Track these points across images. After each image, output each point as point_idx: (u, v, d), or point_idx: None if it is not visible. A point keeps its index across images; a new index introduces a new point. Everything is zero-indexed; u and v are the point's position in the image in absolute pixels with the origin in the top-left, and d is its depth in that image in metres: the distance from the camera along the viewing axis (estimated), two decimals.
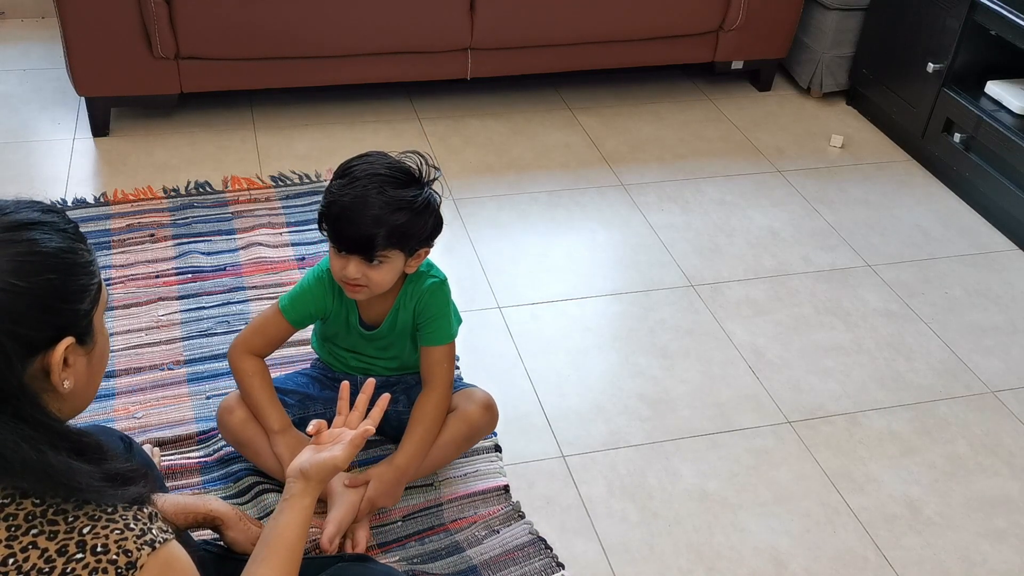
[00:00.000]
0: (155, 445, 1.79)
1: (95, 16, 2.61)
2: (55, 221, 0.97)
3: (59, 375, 0.95)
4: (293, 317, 1.69)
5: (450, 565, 1.63)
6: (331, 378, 1.81)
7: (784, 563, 1.70)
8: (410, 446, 1.67)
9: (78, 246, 0.98)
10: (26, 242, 0.93)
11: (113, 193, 2.56)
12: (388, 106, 3.07)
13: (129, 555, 0.91)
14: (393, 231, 1.50)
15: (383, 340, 1.74)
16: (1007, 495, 1.87)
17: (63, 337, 0.95)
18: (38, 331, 0.93)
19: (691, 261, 2.48)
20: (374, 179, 1.51)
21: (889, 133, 3.13)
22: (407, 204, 1.51)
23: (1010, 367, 2.20)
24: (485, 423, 1.77)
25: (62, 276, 0.95)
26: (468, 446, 1.79)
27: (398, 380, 1.81)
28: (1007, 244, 2.64)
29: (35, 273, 0.92)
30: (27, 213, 0.96)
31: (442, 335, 1.70)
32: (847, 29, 3.16)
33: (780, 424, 2.00)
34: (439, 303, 1.69)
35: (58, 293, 0.94)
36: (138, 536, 0.92)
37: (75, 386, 0.98)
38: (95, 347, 1.01)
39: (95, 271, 1.00)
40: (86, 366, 1.00)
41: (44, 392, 0.96)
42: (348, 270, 1.54)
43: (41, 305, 0.93)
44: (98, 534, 0.91)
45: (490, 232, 2.54)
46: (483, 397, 1.77)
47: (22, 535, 0.90)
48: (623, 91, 3.27)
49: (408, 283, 1.68)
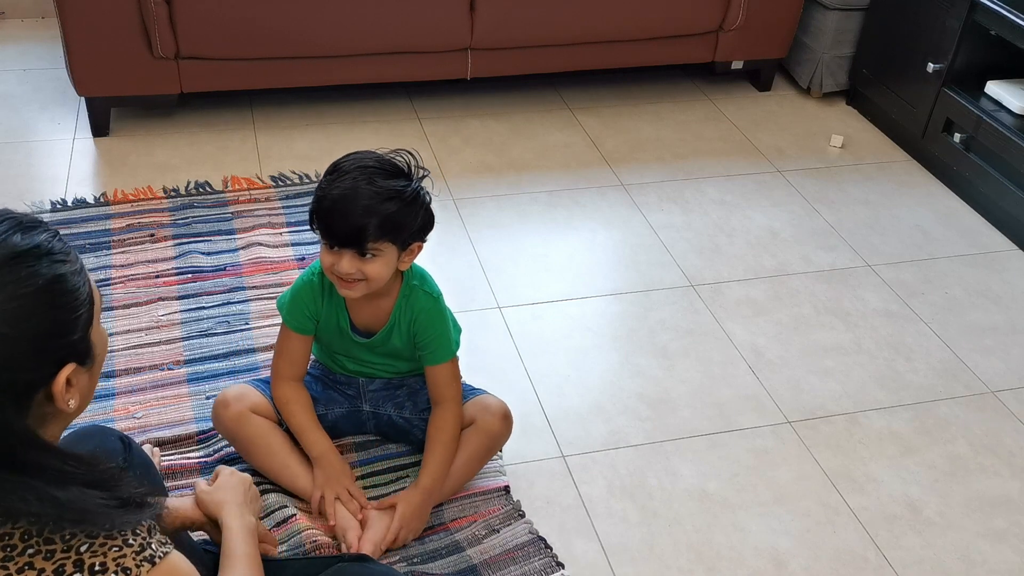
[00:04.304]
0: (155, 445, 1.79)
1: (95, 16, 2.61)
2: (37, 245, 0.90)
3: (64, 400, 0.92)
4: (295, 325, 1.69)
5: (450, 564, 1.63)
6: (333, 379, 1.80)
7: (784, 563, 1.70)
8: (433, 466, 1.66)
9: (64, 267, 0.92)
10: (10, 284, 0.87)
11: (113, 193, 2.56)
12: (388, 106, 3.07)
13: (128, 573, 0.89)
14: (384, 221, 1.49)
15: (379, 348, 1.73)
16: (1007, 495, 1.87)
17: (63, 366, 0.91)
18: (36, 373, 0.90)
19: (691, 261, 2.48)
20: (363, 171, 1.50)
21: (889, 133, 3.13)
22: (396, 194, 1.50)
23: (1010, 367, 2.20)
24: (504, 433, 1.76)
25: (53, 312, 0.90)
26: (490, 458, 1.78)
27: (400, 383, 1.80)
28: (1007, 244, 2.64)
29: (24, 318, 0.87)
30: (5, 244, 0.88)
31: (443, 353, 1.68)
32: (847, 29, 3.16)
33: (780, 424, 2.00)
34: (436, 322, 1.67)
35: (52, 331, 0.90)
36: (137, 552, 0.90)
37: (79, 400, 0.96)
38: (95, 360, 0.98)
39: (83, 286, 0.94)
40: (89, 380, 0.98)
41: (48, 416, 0.93)
42: (342, 265, 1.51)
43: (35, 349, 0.89)
44: (96, 552, 0.88)
45: (490, 232, 2.54)
46: (499, 407, 1.75)
47: (18, 556, 0.87)
48: (623, 91, 3.27)
49: (402, 296, 1.66)
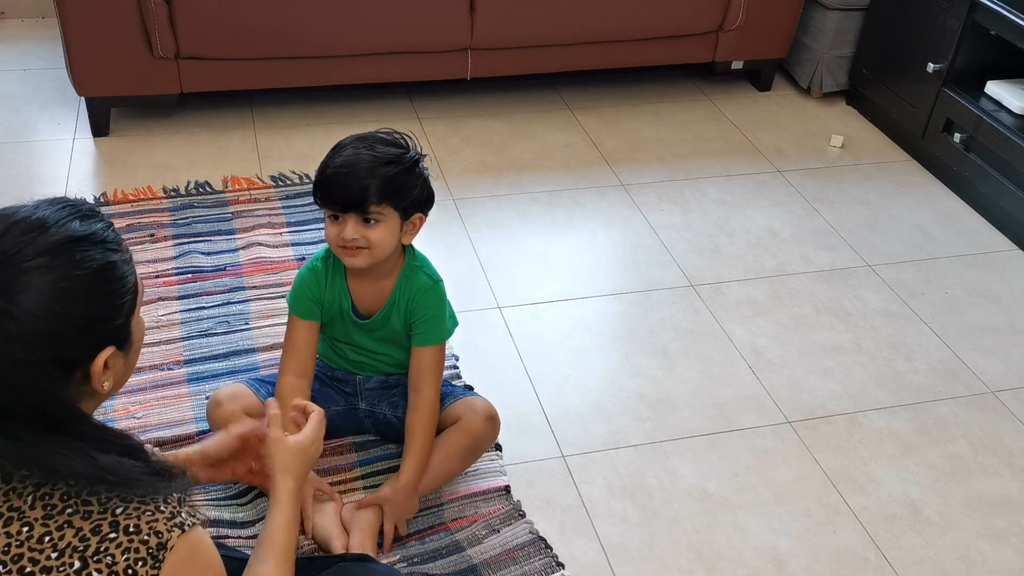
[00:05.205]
0: (155, 445, 1.79)
1: (95, 16, 2.61)
2: (93, 233, 0.97)
3: (100, 380, 0.98)
4: (300, 311, 1.70)
5: (450, 564, 1.63)
6: (331, 376, 1.81)
7: (784, 563, 1.70)
8: (411, 460, 1.67)
9: (115, 255, 0.98)
10: (64, 266, 0.93)
11: (113, 193, 2.56)
12: (388, 106, 3.07)
13: (160, 536, 0.94)
14: (385, 183, 1.55)
15: (378, 332, 1.74)
16: (1007, 495, 1.87)
17: (103, 348, 0.97)
18: (79, 351, 0.95)
19: (691, 261, 2.48)
20: (364, 141, 1.60)
21: (889, 133, 3.13)
22: (396, 158, 1.58)
23: (1010, 367, 2.20)
24: (488, 434, 1.77)
25: (102, 296, 0.96)
26: (473, 458, 1.77)
27: (397, 382, 1.80)
28: (1007, 244, 2.64)
29: (75, 298, 0.93)
30: (65, 228, 0.94)
31: (433, 335, 1.70)
32: (847, 29, 3.16)
33: (780, 424, 2.00)
34: (432, 303, 1.69)
35: (98, 314, 0.96)
36: (168, 518, 0.95)
37: (113, 383, 1.01)
38: (133, 346, 1.03)
39: (131, 275, 1.00)
40: (124, 365, 1.03)
41: (84, 394, 0.98)
42: (346, 231, 1.56)
43: (81, 327, 0.94)
44: (130, 515, 0.94)
45: (490, 232, 2.54)
46: (485, 407, 1.76)
47: (58, 515, 0.93)
48: (623, 91, 3.27)
49: (403, 276, 1.68)
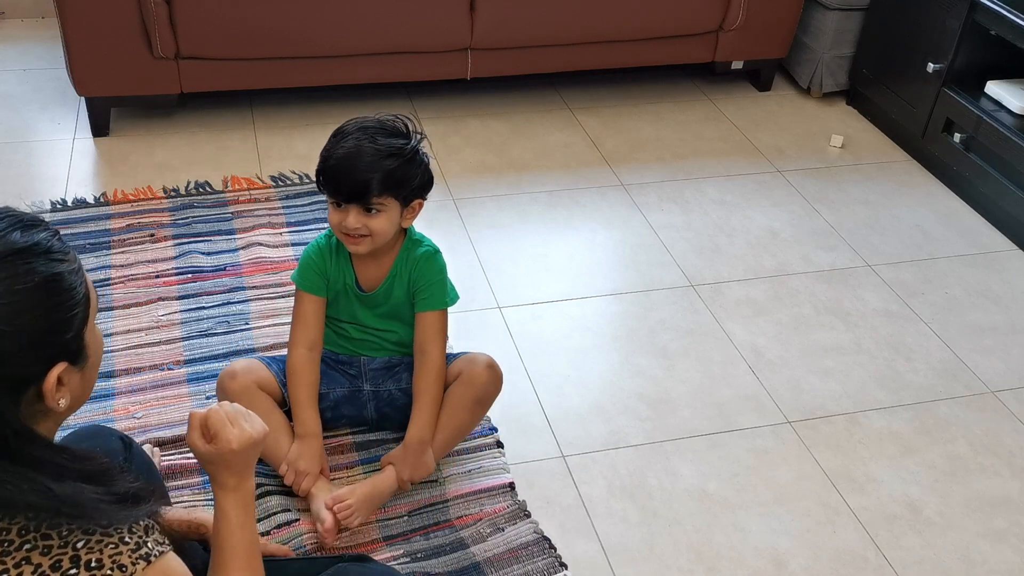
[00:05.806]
0: (155, 445, 1.79)
1: (95, 16, 2.61)
2: (36, 243, 0.91)
3: (54, 398, 0.93)
4: (307, 285, 1.75)
5: (453, 561, 1.63)
6: (336, 359, 1.84)
7: (784, 563, 1.70)
8: (419, 415, 1.72)
9: (62, 266, 0.92)
10: (6, 280, 0.87)
11: (113, 193, 2.56)
12: (388, 106, 3.07)
13: (124, 569, 0.90)
14: (386, 177, 1.59)
15: (380, 307, 1.78)
16: (1007, 495, 1.87)
17: (55, 364, 0.92)
18: (28, 369, 0.90)
19: (691, 261, 2.48)
20: (365, 131, 1.62)
21: (889, 133, 3.13)
22: (397, 151, 1.61)
23: (1010, 367, 2.20)
24: (490, 382, 1.79)
25: (49, 309, 0.90)
26: (480, 410, 1.80)
27: (399, 361, 1.83)
28: (1007, 244, 2.64)
29: (19, 313, 0.88)
30: (4, 240, 0.89)
31: (436, 300, 1.75)
32: (847, 29, 3.16)
33: (780, 424, 2.00)
34: (433, 270, 1.75)
35: (47, 328, 0.90)
36: (133, 550, 0.91)
37: (71, 400, 0.96)
38: (88, 360, 0.98)
39: (80, 286, 0.94)
40: (80, 381, 0.98)
41: (39, 413, 0.93)
42: (348, 221, 1.61)
43: (28, 343, 0.89)
44: (92, 548, 0.89)
45: (490, 232, 2.54)
46: (484, 358, 1.80)
47: (15, 551, 0.88)
48: (623, 91, 3.27)
49: (404, 250, 1.74)
